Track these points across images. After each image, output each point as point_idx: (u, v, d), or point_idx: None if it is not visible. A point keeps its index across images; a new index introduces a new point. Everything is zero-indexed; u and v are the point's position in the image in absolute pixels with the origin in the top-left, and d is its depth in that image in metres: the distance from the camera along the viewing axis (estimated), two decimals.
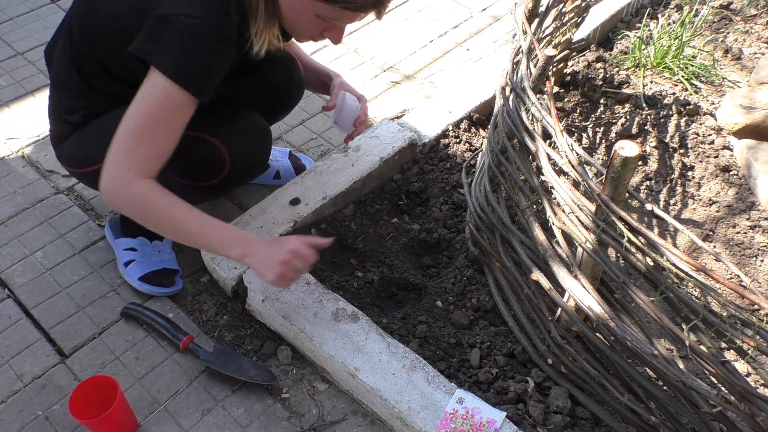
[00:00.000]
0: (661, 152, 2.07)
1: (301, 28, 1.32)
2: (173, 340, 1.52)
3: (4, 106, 2.23)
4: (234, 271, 1.58)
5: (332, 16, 1.25)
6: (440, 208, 1.86)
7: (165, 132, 1.25)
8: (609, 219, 1.12)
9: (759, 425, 1.00)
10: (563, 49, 2.08)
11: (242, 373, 1.45)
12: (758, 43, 2.49)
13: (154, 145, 1.25)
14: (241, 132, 1.52)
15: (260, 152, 1.60)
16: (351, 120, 1.66)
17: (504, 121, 1.56)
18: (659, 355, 1.11)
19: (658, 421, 1.26)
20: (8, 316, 1.62)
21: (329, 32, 1.34)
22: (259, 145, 1.58)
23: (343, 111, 1.63)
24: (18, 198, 1.91)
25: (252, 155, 1.57)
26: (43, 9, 2.69)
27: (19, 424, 1.41)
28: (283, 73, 1.66)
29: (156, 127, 1.23)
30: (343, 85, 1.70)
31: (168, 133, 1.26)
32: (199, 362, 1.50)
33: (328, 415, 1.44)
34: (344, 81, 1.73)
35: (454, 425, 1.29)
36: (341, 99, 1.63)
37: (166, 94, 1.21)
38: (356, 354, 1.41)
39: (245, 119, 1.54)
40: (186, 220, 1.30)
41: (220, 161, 1.48)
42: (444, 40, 2.62)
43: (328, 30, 1.33)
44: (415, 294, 1.68)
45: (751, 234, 1.84)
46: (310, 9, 1.24)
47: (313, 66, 1.77)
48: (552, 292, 1.34)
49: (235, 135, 1.50)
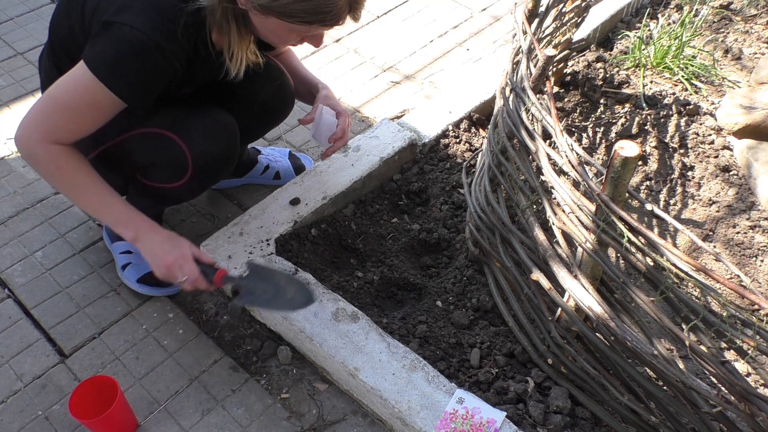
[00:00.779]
0: (661, 152, 2.07)
1: (279, 41, 1.32)
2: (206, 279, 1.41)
3: (4, 106, 2.23)
4: (234, 272, 1.58)
5: (307, 30, 1.25)
6: (440, 208, 1.86)
7: (84, 112, 1.27)
8: (609, 219, 1.12)
9: (759, 425, 1.00)
10: (563, 49, 2.08)
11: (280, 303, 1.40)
12: (758, 43, 2.49)
13: (69, 122, 1.28)
14: (204, 130, 1.44)
15: (226, 151, 1.49)
16: (327, 135, 1.60)
17: (504, 121, 1.56)
18: (659, 355, 1.11)
19: (658, 421, 1.26)
20: (8, 316, 1.62)
21: (309, 39, 1.33)
22: (224, 143, 1.48)
23: (320, 126, 1.59)
24: (18, 198, 1.91)
25: (216, 154, 1.47)
26: (43, 9, 2.70)
27: (19, 424, 1.42)
28: (270, 89, 1.61)
29: (75, 109, 1.26)
30: (327, 98, 1.64)
31: (87, 114, 1.27)
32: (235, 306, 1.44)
33: (328, 415, 1.44)
34: (330, 94, 1.66)
35: (454, 425, 1.29)
36: (319, 113, 1.58)
37: (89, 87, 1.23)
38: (356, 354, 1.41)
39: (210, 116, 1.47)
40: (85, 190, 1.34)
41: (182, 160, 1.42)
42: (444, 40, 2.62)
43: (306, 38, 1.32)
44: (415, 294, 1.68)
45: (751, 234, 1.84)
46: (282, 26, 1.23)
47: (302, 75, 1.73)
48: (552, 292, 1.34)
49: (197, 133, 1.43)
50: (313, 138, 1.65)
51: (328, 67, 2.47)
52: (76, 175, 1.32)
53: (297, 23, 1.21)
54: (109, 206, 1.36)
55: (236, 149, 1.53)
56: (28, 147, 1.29)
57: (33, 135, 1.28)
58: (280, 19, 1.20)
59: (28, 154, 1.30)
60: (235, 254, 1.61)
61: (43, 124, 1.27)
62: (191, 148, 1.42)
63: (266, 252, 1.61)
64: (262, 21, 1.23)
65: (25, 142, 1.29)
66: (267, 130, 1.79)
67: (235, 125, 1.52)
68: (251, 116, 1.62)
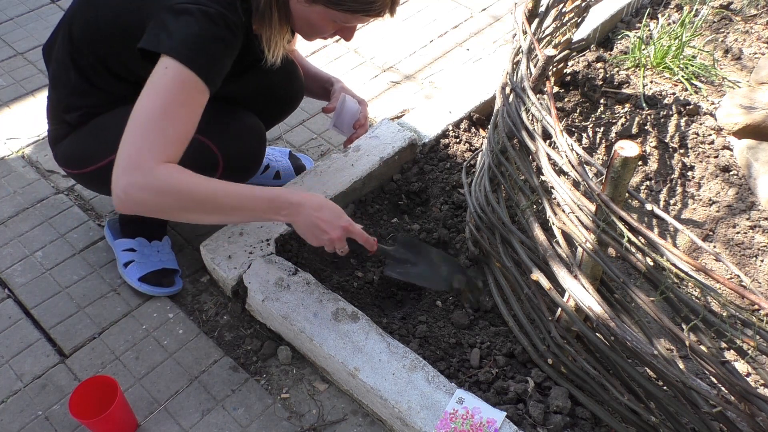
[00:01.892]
0: (661, 152, 2.07)
1: (314, 32, 1.34)
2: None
3: (4, 106, 2.23)
4: (234, 271, 1.58)
5: (348, 21, 1.27)
6: (440, 208, 1.86)
7: (181, 114, 1.17)
8: (609, 219, 1.12)
9: (759, 425, 1.00)
10: (563, 49, 2.08)
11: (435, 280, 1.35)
12: (758, 43, 2.49)
13: (173, 129, 1.16)
14: (234, 132, 1.48)
15: (254, 153, 1.55)
16: (350, 122, 1.65)
17: (504, 121, 1.56)
18: (659, 355, 1.11)
19: (658, 421, 1.26)
20: (8, 316, 1.62)
21: (342, 32, 1.35)
22: (252, 145, 1.54)
23: (343, 113, 1.63)
24: (18, 198, 1.91)
25: (245, 156, 1.53)
26: (43, 9, 2.69)
27: (19, 424, 1.42)
28: (283, 78, 1.64)
29: (171, 109, 1.16)
30: (344, 89, 1.70)
31: (185, 115, 1.18)
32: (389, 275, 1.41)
33: (328, 415, 1.44)
34: (345, 86, 1.73)
35: (454, 425, 1.29)
36: (341, 101, 1.63)
37: (178, 76, 1.15)
38: (356, 354, 1.41)
39: (239, 119, 1.51)
40: (225, 193, 1.22)
41: (213, 162, 1.44)
42: (444, 40, 2.62)
43: (340, 31, 1.34)
44: (415, 294, 1.68)
45: (751, 234, 1.84)
46: (325, 15, 1.25)
47: (313, 72, 1.77)
48: (552, 292, 1.34)
49: (228, 135, 1.46)
50: (334, 127, 1.68)
51: (328, 67, 2.47)
52: (209, 183, 1.21)
53: (342, 11, 1.22)
54: (252, 198, 1.26)
55: (263, 149, 1.58)
56: (147, 184, 1.13)
57: (144, 167, 1.12)
58: (326, 7, 1.22)
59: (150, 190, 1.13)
60: (235, 254, 1.61)
61: (148, 147, 1.13)
62: (221, 151, 1.44)
63: (266, 252, 1.61)
64: (305, 10, 1.25)
65: (140, 182, 1.12)
66: (276, 120, 1.78)
67: (262, 126, 1.56)
68: (263, 105, 1.63)
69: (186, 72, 1.15)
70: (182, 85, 1.16)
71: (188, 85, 1.17)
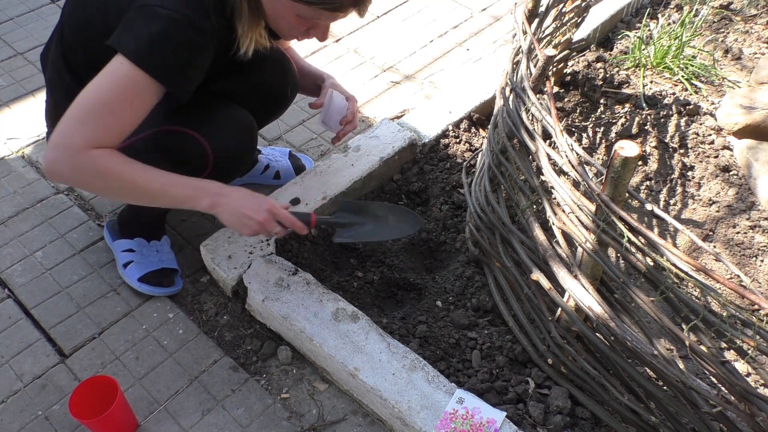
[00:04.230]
0: (661, 152, 2.07)
1: (285, 28, 1.34)
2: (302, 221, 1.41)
3: (4, 106, 2.23)
4: (234, 271, 1.58)
5: (312, 16, 1.27)
6: (440, 208, 1.86)
7: (123, 109, 1.21)
8: (609, 219, 1.12)
9: (759, 425, 1.00)
10: (563, 49, 2.08)
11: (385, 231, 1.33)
12: (758, 43, 2.49)
13: (111, 120, 1.21)
14: (223, 126, 1.47)
15: (244, 146, 1.54)
16: (337, 119, 1.65)
17: (504, 121, 1.56)
18: (659, 355, 1.11)
19: (658, 421, 1.26)
20: (8, 316, 1.62)
21: (314, 31, 1.35)
22: (242, 139, 1.52)
23: (330, 109, 1.63)
24: (18, 198, 1.91)
25: (235, 150, 1.51)
26: (43, 9, 2.69)
27: (19, 424, 1.42)
28: (276, 74, 1.64)
29: (115, 104, 1.20)
30: (334, 85, 1.70)
31: (127, 110, 1.22)
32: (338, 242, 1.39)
33: (328, 415, 1.44)
34: (336, 82, 1.72)
35: (454, 425, 1.29)
36: (329, 97, 1.63)
37: (128, 74, 1.19)
38: (356, 354, 1.41)
39: (228, 113, 1.50)
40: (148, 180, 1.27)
41: (203, 157, 1.44)
42: (444, 40, 2.62)
43: (312, 29, 1.34)
44: (415, 294, 1.68)
45: (751, 234, 1.84)
46: (290, 10, 1.26)
47: (307, 69, 1.76)
48: (552, 292, 1.34)
49: (217, 130, 1.45)
50: (322, 124, 1.68)
51: (328, 67, 2.47)
52: (133, 170, 1.25)
53: (305, 4, 1.23)
54: (176, 185, 1.30)
55: (254, 144, 1.58)
56: (70, 163, 1.20)
57: (72, 147, 1.18)
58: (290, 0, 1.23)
59: (72, 169, 1.21)
60: (235, 254, 1.61)
61: (81, 131, 1.19)
62: (212, 145, 1.43)
63: (266, 252, 1.61)
64: (272, 3, 1.26)
65: (64, 160, 1.19)
66: (272, 117, 1.78)
67: (253, 121, 1.55)
68: (257, 101, 1.63)
69: (137, 72, 1.19)
70: (131, 83, 1.20)
71: (137, 85, 1.20)
